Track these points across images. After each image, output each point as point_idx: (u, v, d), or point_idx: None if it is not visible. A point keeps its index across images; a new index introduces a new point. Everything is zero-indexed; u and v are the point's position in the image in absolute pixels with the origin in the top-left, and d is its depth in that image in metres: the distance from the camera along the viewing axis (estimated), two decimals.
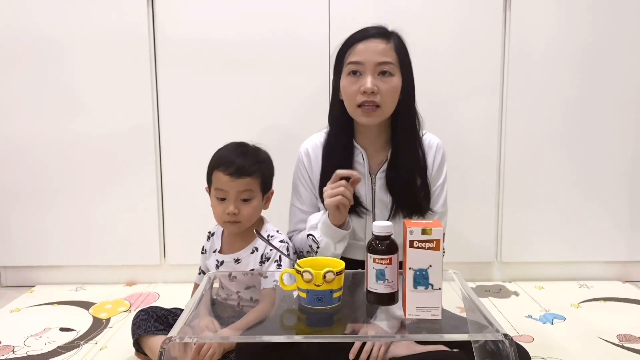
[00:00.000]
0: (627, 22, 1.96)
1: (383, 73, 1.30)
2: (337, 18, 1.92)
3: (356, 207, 1.37)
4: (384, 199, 1.39)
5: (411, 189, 1.36)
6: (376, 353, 1.21)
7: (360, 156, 1.39)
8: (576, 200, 2.05)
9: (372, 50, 1.30)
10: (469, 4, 1.95)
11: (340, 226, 1.31)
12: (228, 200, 1.32)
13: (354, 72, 1.31)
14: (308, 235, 1.34)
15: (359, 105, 1.31)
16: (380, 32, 1.33)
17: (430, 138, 1.44)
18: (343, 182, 1.25)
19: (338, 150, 1.39)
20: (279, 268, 1.32)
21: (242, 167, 1.31)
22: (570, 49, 1.97)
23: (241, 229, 1.35)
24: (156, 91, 1.99)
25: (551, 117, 2.01)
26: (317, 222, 1.33)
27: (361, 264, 1.41)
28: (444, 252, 1.40)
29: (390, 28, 1.36)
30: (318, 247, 1.32)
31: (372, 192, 1.40)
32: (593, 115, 2.01)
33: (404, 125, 1.36)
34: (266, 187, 1.38)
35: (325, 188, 1.28)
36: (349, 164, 1.38)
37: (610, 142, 2.02)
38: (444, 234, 1.42)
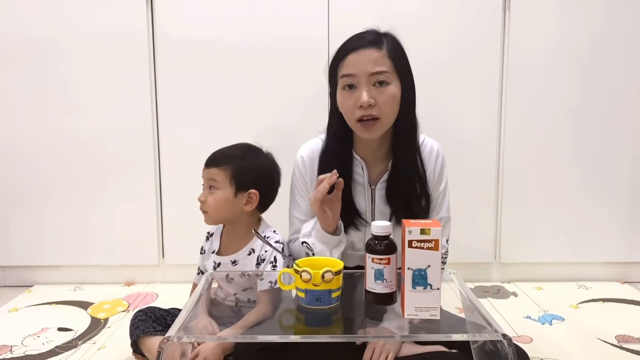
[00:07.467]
0: (627, 22, 1.96)
1: (380, 83, 1.23)
2: (336, 19, 1.92)
3: (355, 218, 1.33)
4: (384, 210, 1.34)
5: (410, 199, 1.32)
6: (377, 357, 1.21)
7: (359, 167, 1.34)
8: (575, 201, 2.05)
9: (365, 61, 1.22)
10: (468, 5, 1.94)
11: (333, 232, 1.27)
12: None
13: (349, 86, 1.25)
14: (302, 242, 1.30)
15: (359, 120, 1.24)
16: (371, 41, 1.24)
17: (430, 143, 1.37)
18: (323, 182, 1.20)
19: (336, 162, 1.31)
20: (274, 269, 1.31)
21: (212, 158, 1.36)
22: (569, 50, 1.97)
23: (209, 221, 1.37)
24: (155, 92, 1.99)
25: (550, 118, 2.01)
26: (311, 230, 1.30)
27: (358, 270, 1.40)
28: (446, 255, 1.39)
29: (382, 29, 1.28)
30: (313, 254, 1.27)
31: (372, 202, 1.35)
32: (592, 117, 2.01)
33: (404, 134, 1.31)
34: (240, 183, 1.34)
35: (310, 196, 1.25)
36: (347, 175, 1.32)
37: (609, 143, 2.02)
38: (447, 240, 1.41)
